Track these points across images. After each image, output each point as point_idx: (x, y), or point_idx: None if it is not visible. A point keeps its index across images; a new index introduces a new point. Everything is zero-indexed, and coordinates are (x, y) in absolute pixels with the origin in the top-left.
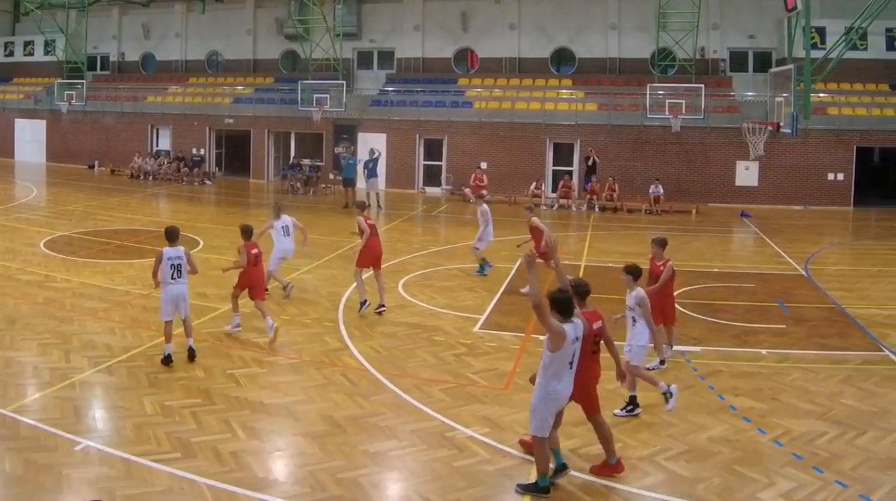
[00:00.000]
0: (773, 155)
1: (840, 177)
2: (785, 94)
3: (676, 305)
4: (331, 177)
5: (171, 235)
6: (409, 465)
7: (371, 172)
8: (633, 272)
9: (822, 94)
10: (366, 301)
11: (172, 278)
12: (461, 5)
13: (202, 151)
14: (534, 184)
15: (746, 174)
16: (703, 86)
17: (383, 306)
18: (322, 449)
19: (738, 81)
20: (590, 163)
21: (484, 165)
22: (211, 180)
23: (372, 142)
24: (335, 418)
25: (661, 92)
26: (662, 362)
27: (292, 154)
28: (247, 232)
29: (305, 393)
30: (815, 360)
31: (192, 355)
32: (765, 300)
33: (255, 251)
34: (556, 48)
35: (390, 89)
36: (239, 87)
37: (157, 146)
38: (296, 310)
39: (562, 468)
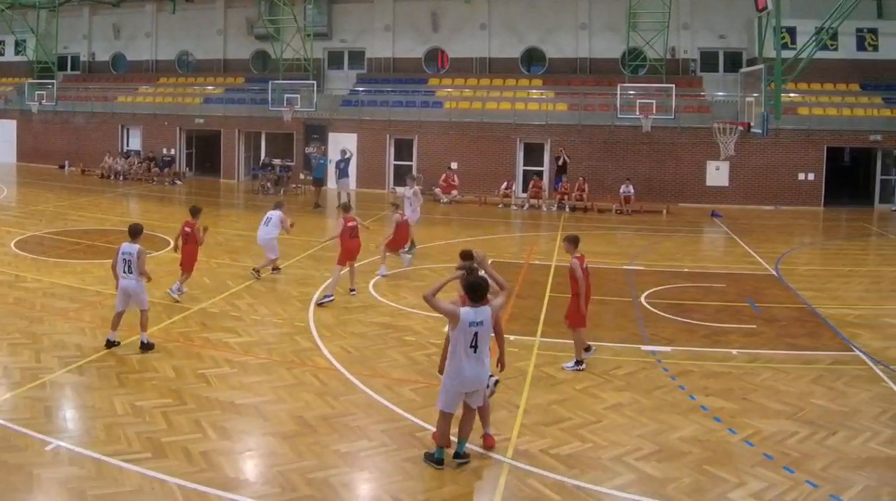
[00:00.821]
0: (743, 155)
1: (810, 176)
2: (755, 94)
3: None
4: (301, 177)
5: (132, 232)
6: (380, 465)
7: (342, 172)
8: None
9: (792, 94)
10: (332, 296)
11: (123, 272)
12: (431, 5)
13: (172, 151)
14: (504, 183)
15: (717, 174)
16: (673, 86)
17: (353, 290)
18: (293, 449)
19: (708, 81)
20: (560, 162)
21: (454, 165)
22: (181, 180)
23: (343, 142)
24: (306, 418)
25: (631, 92)
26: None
27: (263, 154)
28: (190, 211)
29: (276, 394)
30: (785, 360)
31: (142, 347)
32: (735, 300)
33: (186, 229)
34: (527, 48)
35: (361, 89)
36: (209, 87)
37: (127, 146)
38: (266, 311)
39: (460, 456)
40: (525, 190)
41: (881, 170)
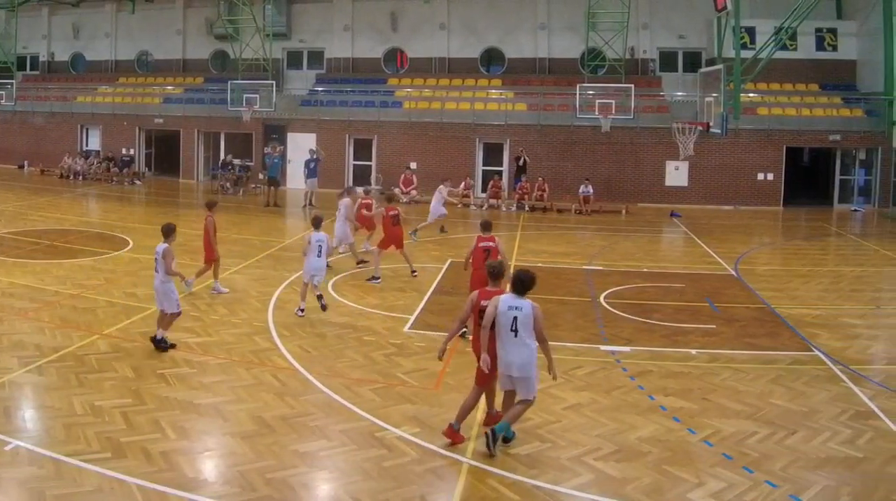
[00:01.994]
0: (702, 155)
1: (770, 176)
2: (715, 94)
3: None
4: (260, 176)
5: (161, 231)
6: (339, 465)
7: (311, 172)
8: None
9: (751, 94)
10: (378, 278)
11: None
12: (391, 5)
13: (132, 151)
14: (463, 183)
15: (676, 174)
16: (632, 86)
17: (415, 271)
18: (252, 449)
19: (667, 81)
20: (521, 162)
21: (413, 165)
22: (140, 180)
23: (301, 143)
24: (265, 418)
25: (590, 92)
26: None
27: (222, 154)
28: (208, 205)
29: (235, 393)
30: (744, 360)
31: (154, 342)
32: (694, 300)
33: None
34: (486, 48)
35: (320, 89)
36: (169, 87)
37: (86, 146)
38: (225, 310)
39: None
40: (484, 190)
41: (840, 170)
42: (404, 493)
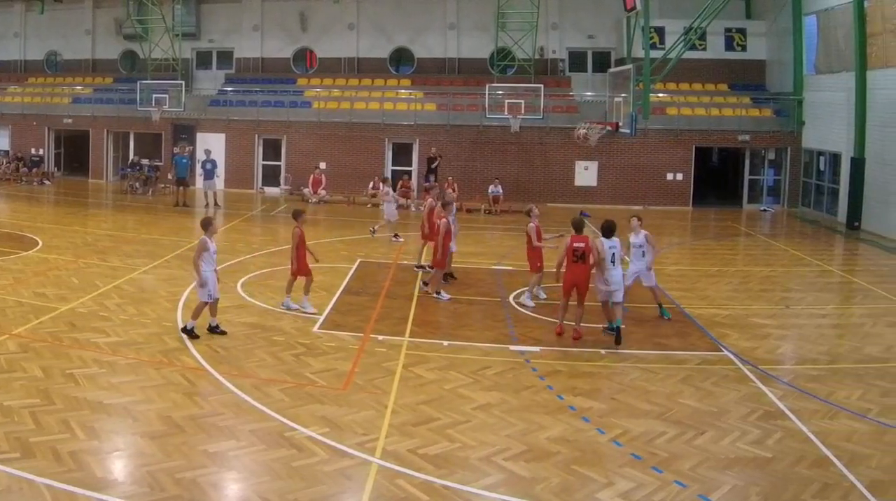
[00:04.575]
0: (612, 155)
1: (679, 176)
2: (624, 94)
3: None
4: (169, 177)
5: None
6: (248, 465)
7: (208, 174)
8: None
9: (661, 94)
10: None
11: None
12: (300, 5)
13: (41, 151)
14: (372, 183)
15: (585, 174)
16: (542, 86)
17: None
18: (161, 449)
19: (577, 81)
20: (434, 164)
21: (323, 165)
22: (50, 180)
23: (211, 143)
24: (174, 418)
25: (500, 92)
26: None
27: (131, 154)
28: (295, 215)
29: (144, 393)
30: (654, 360)
31: (211, 330)
32: None
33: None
34: (396, 48)
35: (229, 89)
36: (78, 87)
37: None
38: (134, 310)
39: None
40: (394, 189)
41: (749, 170)
42: (313, 493)
